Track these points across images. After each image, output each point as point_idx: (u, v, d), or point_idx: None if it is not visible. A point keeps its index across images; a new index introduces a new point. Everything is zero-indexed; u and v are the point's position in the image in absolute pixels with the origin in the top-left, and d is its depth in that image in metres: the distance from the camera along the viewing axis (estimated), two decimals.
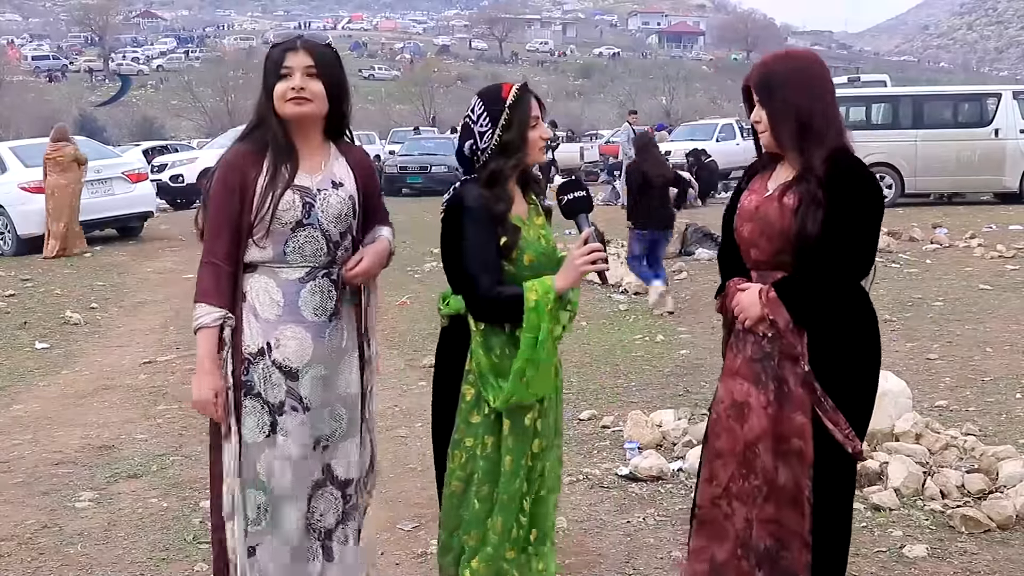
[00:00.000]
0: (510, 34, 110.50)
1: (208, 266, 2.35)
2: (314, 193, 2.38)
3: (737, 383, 2.47)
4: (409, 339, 7.14)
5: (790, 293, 2.32)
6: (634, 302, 8.16)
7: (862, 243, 2.30)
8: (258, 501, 2.39)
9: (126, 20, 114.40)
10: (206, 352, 2.33)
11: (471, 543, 2.45)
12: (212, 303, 2.33)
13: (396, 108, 62.33)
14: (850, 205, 2.27)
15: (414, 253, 11.29)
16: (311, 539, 2.46)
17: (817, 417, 2.34)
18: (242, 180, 2.33)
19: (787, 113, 2.34)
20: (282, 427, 2.38)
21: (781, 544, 2.41)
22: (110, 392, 5.98)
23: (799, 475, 2.37)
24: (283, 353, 2.37)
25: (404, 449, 4.66)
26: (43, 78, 72.06)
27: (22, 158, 12.61)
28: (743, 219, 2.45)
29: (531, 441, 2.43)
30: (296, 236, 2.36)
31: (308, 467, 2.43)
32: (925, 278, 8.85)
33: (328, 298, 2.42)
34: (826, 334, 2.33)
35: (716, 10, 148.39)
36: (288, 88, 2.34)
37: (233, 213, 2.33)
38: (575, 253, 2.35)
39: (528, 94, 2.43)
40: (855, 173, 2.32)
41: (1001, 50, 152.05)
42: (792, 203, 2.32)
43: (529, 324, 2.28)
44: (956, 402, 5.09)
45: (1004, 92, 15.09)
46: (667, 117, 47.28)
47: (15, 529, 3.82)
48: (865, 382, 2.40)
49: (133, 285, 9.98)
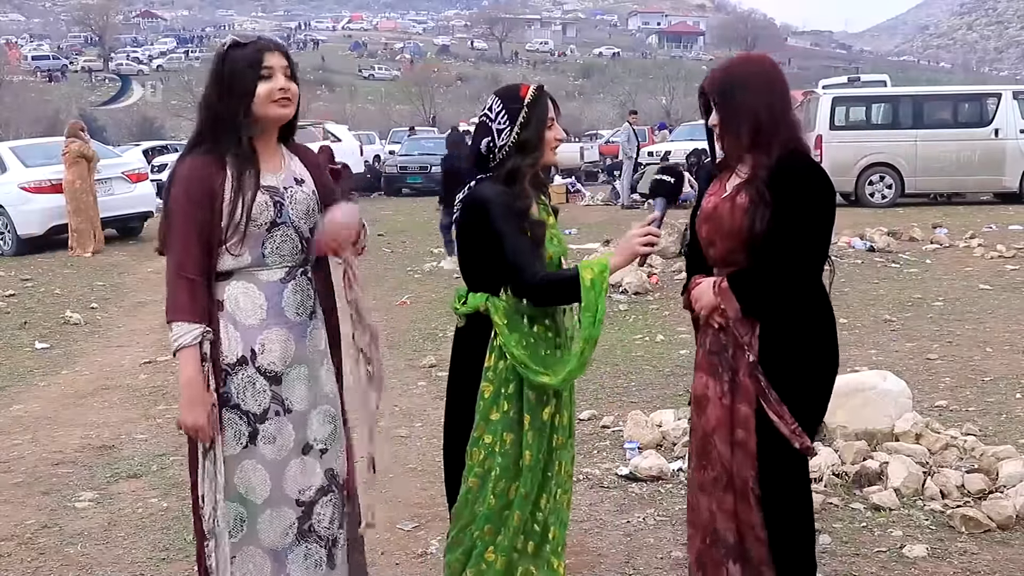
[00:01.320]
0: (510, 34, 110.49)
1: (181, 280, 2.25)
2: (282, 192, 2.35)
3: (699, 377, 2.56)
4: (409, 339, 7.14)
5: (740, 284, 2.40)
6: (634, 302, 8.16)
7: (808, 239, 2.35)
8: (235, 513, 2.35)
9: (126, 20, 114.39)
10: (193, 374, 2.25)
11: (486, 537, 2.46)
12: (189, 320, 2.25)
13: (396, 108, 62.26)
14: (794, 203, 2.33)
15: (414, 253, 11.30)
16: (318, 548, 2.42)
17: (762, 409, 2.38)
18: (209, 190, 2.26)
19: (740, 117, 2.39)
20: (264, 434, 2.34)
21: (741, 536, 2.46)
22: (110, 392, 5.98)
23: (744, 467, 2.43)
24: (268, 358, 2.33)
25: (404, 449, 4.66)
26: (43, 78, 72.04)
27: (22, 158, 12.64)
28: (702, 219, 2.52)
29: (549, 437, 2.47)
30: (272, 236, 2.32)
31: (296, 473, 2.38)
32: (925, 278, 8.85)
33: (307, 296, 2.40)
34: (777, 327, 2.38)
35: (716, 10, 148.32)
36: (275, 89, 2.29)
37: (203, 224, 2.25)
38: (635, 232, 2.39)
39: (545, 95, 2.48)
40: (800, 172, 2.38)
41: (1001, 50, 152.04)
42: (744, 202, 2.38)
43: (587, 303, 2.31)
44: (956, 402, 5.09)
45: (1004, 92, 15.10)
46: (667, 117, 47.25)
47: (15, 529, 3.82)
48: (816, 378, 2.44)
49: (133, 285, 9.98)
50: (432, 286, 9.39)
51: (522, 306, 2.44)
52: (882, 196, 14.92)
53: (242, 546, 2.37)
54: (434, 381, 5.89)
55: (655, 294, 8.50)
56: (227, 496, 2.33)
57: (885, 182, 14.98)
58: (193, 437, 2.32)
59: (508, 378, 2.44)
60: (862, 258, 9.78)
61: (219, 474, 2.31)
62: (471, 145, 2.54)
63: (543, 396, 2.45)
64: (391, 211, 16.73)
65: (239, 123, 2.29)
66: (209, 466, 2.31)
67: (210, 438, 2.30)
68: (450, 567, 2.54)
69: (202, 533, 2.34)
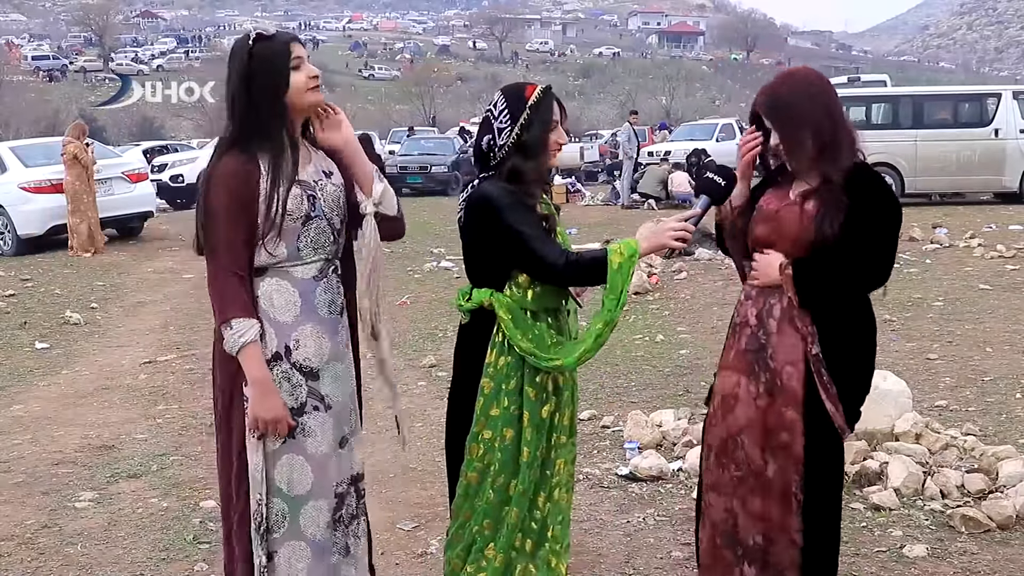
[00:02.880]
0: (510, 34, 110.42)
1: (232, 277, 2.27)
2: (313, 185, 2.37)
3: (728, 376, 2.53)
4: (409, 339, 7.14)
5: (805, 275, 2.37)
6: (634, 302, 8.15)
7: (881, 246, 2.36)
8: (278, 508, 2.37)
9: (126, 20, 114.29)
10: (263, 369, 2.27)
11: (486, 532, 2.47)
12: (246, 315, 2.26)
13: (396, 108, 62.29)
14: (870, 210, 2.33)
15: (414, 253, 11.29)
16: (339, 536, 2.46)
17: (808, 412, 2.37)
18: (249, 188, 2.28)
19: (802, 131, 2.38)
20: (304, 427, 2.36)
21: (769, 540, 2.44)
22: (110, 392, 5.98)
23: (788, 471, 2.41)
24: (303, 353, 2.35)
25: (404, 449, 4.65)
26: (43, 78, 72.02)
27: (22, 158, 12.63)
28: (759, 220, 2.49)
29: (548, 435, 2.48)
30: (307, 230, 2.34)
31: (335, 466, 2.42)
32: (925, 278, 8.84)
33: (337, 294, 2.43)
34: (831, 322, 2.38)
35: (716, 10, 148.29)
36: (309, 77, 2.31)
37: (246, 222, 2.27)
38: (670, 224, 2.40)
39: (550, 97, 2.47)
40: (874, 181, 2.39)
41: (1001, 50, 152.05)
42: (813, 210, 2.37)
43: (612, 285, 2.32)
44: (956, 402, 5.09)
45: (1004, 92, 15.09)
46: (667, 117, 47.27)
47: (15, 529, 3.82)
48: (862, 374, 2.44)
49: (133, 285, 9.98)
50: (432, 286, 9.39)
51: (526, 302, 2.45)
52: None
53: (286, 541, 2.39)
54: (434, 381, 5.89)
55: (655, 294, 8.51)
56: (271, 492, 2.35)
57: None
58: (272, 432, 2.31)
59: (509, 374, 2.44)
60: None
61: (263, 468, 2.32)
62: (475, 141, 2.55)
63: (542, 394, 2.46)
64: None
65: (276, 116, 2.29)
66: (259, 461, 2.32)
67: (289, 428, 2.32)
68: (450, 563, 2.55)
69: (234, 535, 2.36)
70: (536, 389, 2.45)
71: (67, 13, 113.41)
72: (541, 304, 2.47)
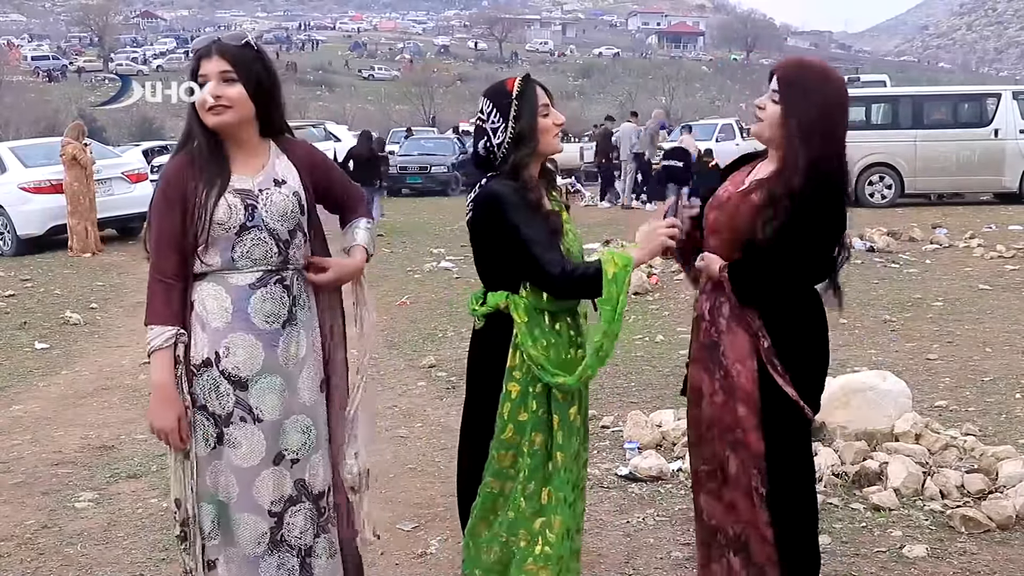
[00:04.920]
0: (510, 34, 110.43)
1: (157, 284, 2.27)
2: (255, 194, 2.31)
3: (695, 369, 2.56)
4: (409, 339, 7.14)
5: (739, 279, 2.39)
6: (634, 302, 8.15)
7: (812, 255, 2.34)
8: (211, 515, 2.34)
9: (126, 20, 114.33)
10: (164, 376, 2.26)
11: (521, 544, 2.40)
12: (163, 323, 2.26)
13: (396, 108, 62.31)
14: (809, 217, 2.30)
15: (414, 253, 11.30)
16: (290, 557, 2.40)
17: (764, 407, 2.37)
18: (183, 192, 2.26)
19: (798, 118, 2.35)
20: (229, 438, 2.32)
21: (746, 533, 2.47)
22: (110, 392, 5.98)
23: (747, 465, 2.42)
24: (232, 362, 2.30)
25: (404, 449, 4.66)
26: (43, 78, 72.00)
27: (22, 158, 12.63)
28: (712, 206, 2.50)
29: (576, 437, 2.45)
30: (242, 240, 2.29)
31: (267, 483, 2.35)
32: (925, 278, 8.85)
33: (280, 305, 2.34)
34: (776, 316, 2.38)
35: (716, 10, 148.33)
36: (204, 98, 2.26)
37: (176, 227, 2.26)
38: (655, 224, 2.38)
39: (532, 83, 2.45)
40: (824, 191, 2.31)
41: (1001, 50, 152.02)
42: (756, 202, 2.37)
43: (608, 296, 2.28)
44: (956, 402, 5.09)
45: (1004, 92, 15.11)
46: (667, 117, 47.21)
47: (15, 529, 3.82)
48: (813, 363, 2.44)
49: (133, 285, 9.97)
50: (432, 286, 9.39)
51: (543, 302, 2.38)
52: (882, 196, 14.92)
53: (224, 548, 2.37)
54: (434, 381, 5.89)
55: (655, 294, 8.51)
56: (202, 498, 2.33)
57: (885, 182, 14.99)
58: (162, 441, 2.32)
59: (535, 377, 2.38)
60: (862, 258, 9.77)
61: (193, 475, 2.31)
62: (472, 151, 2.53)
63: (568, 395, 2.40)
64: (390, 211, 16.70)
65: (195, 129, 2.31)
66: (178, 468, 2.31)
67: (180, 442, 2.29)
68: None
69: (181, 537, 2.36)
70: (563, 391, 2.39)
71: (67, 13, 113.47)
72: (559, 304, 2.41)
